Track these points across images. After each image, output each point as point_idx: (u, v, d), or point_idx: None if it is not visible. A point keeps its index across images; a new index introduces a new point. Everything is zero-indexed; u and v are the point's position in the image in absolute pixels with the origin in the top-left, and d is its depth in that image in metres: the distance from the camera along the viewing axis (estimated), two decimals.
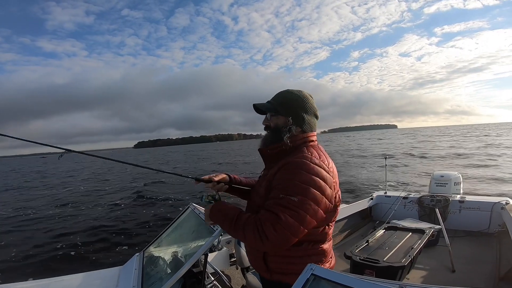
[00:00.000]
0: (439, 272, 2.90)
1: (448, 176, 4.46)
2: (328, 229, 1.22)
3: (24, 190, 16.67)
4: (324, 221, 1.17)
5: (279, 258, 1.18)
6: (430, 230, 3.11)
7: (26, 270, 4.93)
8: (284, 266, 1.17)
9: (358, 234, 4.13)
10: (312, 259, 1.15)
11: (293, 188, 1.05)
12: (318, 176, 1.09)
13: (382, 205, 4.67)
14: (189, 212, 2.03)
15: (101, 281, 1.78)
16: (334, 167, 1.21)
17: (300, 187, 1.05)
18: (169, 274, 1.59)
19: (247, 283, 2.11)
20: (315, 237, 1.17)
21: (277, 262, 1.19)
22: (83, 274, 1.87)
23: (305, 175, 1.07)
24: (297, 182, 1.06)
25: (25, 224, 8.40)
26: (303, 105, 1.24)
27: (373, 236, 2.99)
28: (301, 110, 1.23)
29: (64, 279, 1.78)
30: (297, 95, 1.25)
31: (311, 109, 1.26)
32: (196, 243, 1.72)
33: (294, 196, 1.04)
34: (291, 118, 1.21)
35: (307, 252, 1.17)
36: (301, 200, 1.04)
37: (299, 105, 1.23)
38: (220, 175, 1.39)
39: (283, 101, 1.24)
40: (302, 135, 1.23)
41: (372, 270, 2.32)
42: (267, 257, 1.20)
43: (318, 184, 1.07)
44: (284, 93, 1.27)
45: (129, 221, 8.08)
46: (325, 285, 0.81)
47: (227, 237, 2.58)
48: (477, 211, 3.89)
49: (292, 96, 1.24)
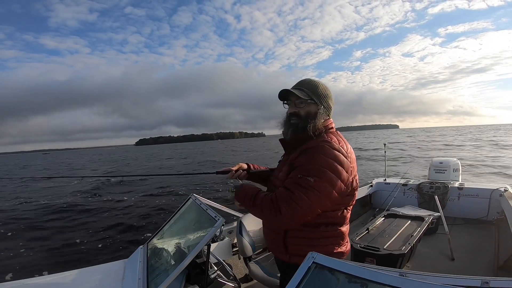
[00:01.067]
0: (439, 260, 2.94)
1: (447, 163, 4.46)
2: (347, 213, 1.27)
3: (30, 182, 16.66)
4: (341, 204, 1.22)
5: (298, 240, 1.23)
6: (429, 217, 3.14)
7: (31, 266, 4.99)
8: (303, 248, 1.22)
9: (358, 221, 4.17)
10: (330, 241, 1.23)
11: (310, 170, 1.11)
12: (336, 160, 1.13)
13: (381, 192, 4.69)
14: (190, 203, 2.04)
15: (106, 275, 1.81)
16: (352, 152, 1.26)
17: (317, 169, 1.11)
18: (173, 265, 1.61)
19: (249, 272, 2.15)
20: (333, 219, 1.22)
21: (296, 244, 1.24)
22: (88, 269, 1.88)
23: (324, 158, 1.12)
24: (316, 164, 1.12)
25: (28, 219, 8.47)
26: (330, 94, 1.31)
27: (373, 223, 3.02)
28: (329, 100, 1.30)
29: (70, 274, 1.80)
30: (324, 85, 1.31)
31: (333, 99, 1.34)
32: (198, 233, 1.74)
33: (311, 177, 1.10)
34: (323, 106, 1.27)
35: (325, 234, 1.22)
36: (317, 181, 1.09)
37: (328, 95, 1.31)
38: (237, 165, 1.50)
39: (316, 89, 1.28)
40: (326, 122, 1.29)
41: (372, 258, 2.36)
42: (287, 239, 1.25)
43: (334, 167, 1.12)
44: (314, 82, 1.31)
45: (132, 214, 8.15)
46: (327, 273, 0.82)
47: (228, 227, 2.61)
48: (476, 198, 3.91)
49: (322, 86, 1.30)
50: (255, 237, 2.27)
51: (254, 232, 2.29)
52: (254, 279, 2.15)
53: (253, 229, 2.28)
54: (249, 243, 2.20)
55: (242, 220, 2.28)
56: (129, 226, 6.98)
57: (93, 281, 1.74)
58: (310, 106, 1.26)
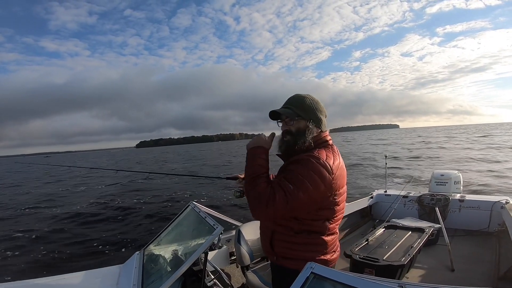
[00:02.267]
0: (439, 271, 2.90)
1: (448, 175, 4.45)
2: (329, 224, 1.32)
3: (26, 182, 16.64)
4: (321, 216, 1.29)
5: (283, 243, 1.32)
6: (429, 229, 3.12)
7: (26, 269, 4.93)
8: (286, 251, 1.32)
9: (358, 232, 4.13)
10: (311, 248, 1.30)
11: (292, 177, 1.20)
12: (317, 174, 1.20)
13: (382, 204, 4.67)
14: (189, 210, 2.04)
15: (101, 279, 1.79)
16: (341, 168, 1.30)
17: (297, 178, 1.19)
18: (169, 272, 1.60)
19: (247, 282, 2.11)
20: (314, 228, 1.29)
21: (280, 247, 1.33)
22: (84, 273, 1.87)
23: (306, 170, 1.20)
24: (297, 173, 1.20)
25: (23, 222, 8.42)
26: (318, 107, 1.36)
27: (373, 234, 2.99)
28: (318, 112, 1.35)
29: (65, 278, 1.79)
30: (312, 99, 1.36)
31: (323, 110, 1.38)
32: (196, 241, 1.73)
33: (291, 184, 1.18)
34: (312, 120, 1.32)
35: (306, 241, 1.30)
36: (294, 189, 1.18)
37: (315, 107, 1.35)
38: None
39: (302, 105, 1.34)
40: (320, 135, 1.35)
41: (371, 269, 2.32)
42: (273, 242, 1.35)
43: (314, 180, 1.19)
44: (300, 98, 1.36)
45: (129, 220, 8.09)
46: (325, 283, 0.82)
47: (227, 235, 2.59)
48: (477, 210, 3.89)
49: (308, 101, 1.35)
50: (253, 246, 2.25)
51: (253, 241, 2.27)
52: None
53: (251, 238, 2.26)
54: (247, 252, 2.18)
55: (241, 228, 2.26)
56: (126, 231, 6.91)
57: (88, 285, 1.72)
58: (299, 123, 1.33)
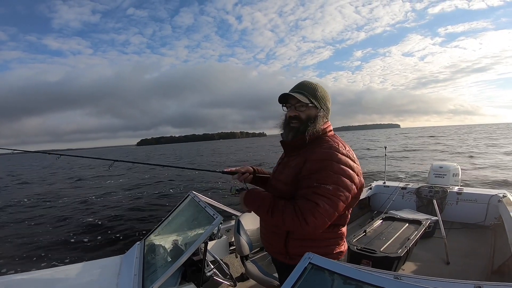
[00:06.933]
0: (434, 264, 2.95)
1: (447, 168, 4.46)
2: (349, 213, 1.30)
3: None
4: (348, 206, 1.24)
5: (300, 242, 1.24)
6: (426, 221, 3.15)
7: (28, 260, 5.01)
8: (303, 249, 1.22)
9: (356, 223, 4.17)
10: (331, 241, 1.25)
11: (326, 178, 1.12)
12: (347, 166, 1.16)
13: (380, 195, 4.70)
14: (189, 200, 2.05)
15: (103, 270, 1.81)
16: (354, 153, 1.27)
17: (333, 177, 1.12)
18: (169, 262, 1.62)
19: (246, 271, 2.15)
20: (337, 220, 1.23)
21: (297, 246, 1.25)
22: (85, 263, 1.90)
23: (336, 165, 1.14)
24: (330, 171, 1.13)
25: (25, 214, 8.49)
26: (328, 96, 1.32)
27: (371, 226, 3.02)
28: (328, 102, 1.31)
29: (67, 269, 1.81)
30: (323, 87, 1.31)
31: (330, 100, 1.34)
32: (196, 231, 1.74)
33: (329, 185, 1.11)
34: (323, 109, 1.28)
35: (326, 236, 1.24)
36: (335, 188, 1.11)
37: (326, 97, 1.30)
38: (244, 167, 1.50)
39: (315, 93, 1.28)
40: (325, 125, 1.30)
41: (368, 260, 2.36)
42: (288, 242, 1.26)
43: (347, 173, 1.15)
44: (312, 85, 1.30)
45: (130, 210, 8.17)
46: (322, 274, 0.83)
47: (226, 225, 2.61)
48: (474, 203, 3.91)
49: (321, 88, 1.30)
50: (252, 236, 2.27)
51: (252, 231, 2.29)
52: (250, 278, 2.15)
53: (250, 228, 2.28)
54: (246, 242, 2.20)
55: (240, 218, 2.28)
56: (127, 222, 7.00)
57: (90, 276, 1.75)
58: (310, 110, 1.26)
